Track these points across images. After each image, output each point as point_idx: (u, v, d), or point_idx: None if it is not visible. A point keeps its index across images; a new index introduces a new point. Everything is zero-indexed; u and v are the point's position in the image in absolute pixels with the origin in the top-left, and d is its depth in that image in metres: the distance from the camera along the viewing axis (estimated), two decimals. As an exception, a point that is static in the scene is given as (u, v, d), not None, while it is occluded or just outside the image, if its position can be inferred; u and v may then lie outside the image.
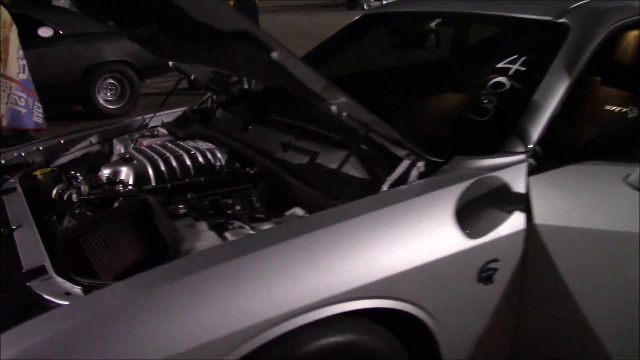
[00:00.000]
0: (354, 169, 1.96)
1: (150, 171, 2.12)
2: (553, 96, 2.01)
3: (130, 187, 2.06)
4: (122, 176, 2.14)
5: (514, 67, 2.13)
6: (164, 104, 3.05)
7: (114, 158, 2.32)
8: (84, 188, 2.22)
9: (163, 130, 2.87)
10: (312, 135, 2.20)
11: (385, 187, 1.78)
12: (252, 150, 2.28)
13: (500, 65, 2.16)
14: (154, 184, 2.11)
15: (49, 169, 2.58)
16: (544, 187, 1.86)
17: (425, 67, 2.74)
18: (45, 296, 1.54)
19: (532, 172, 1.88)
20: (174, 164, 2.17)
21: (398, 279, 1.61)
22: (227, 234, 1.73)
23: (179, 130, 2.82)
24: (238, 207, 1.89)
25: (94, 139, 2.89)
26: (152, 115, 3.04)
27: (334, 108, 1.70)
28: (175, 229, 1.66)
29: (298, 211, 1.83)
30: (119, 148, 2.79)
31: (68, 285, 1.56)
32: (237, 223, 1.80)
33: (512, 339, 1.93)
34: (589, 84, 2.42)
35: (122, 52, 7.36)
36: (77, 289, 1.53)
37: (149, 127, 2.99)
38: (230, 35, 1.58)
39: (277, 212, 1.92)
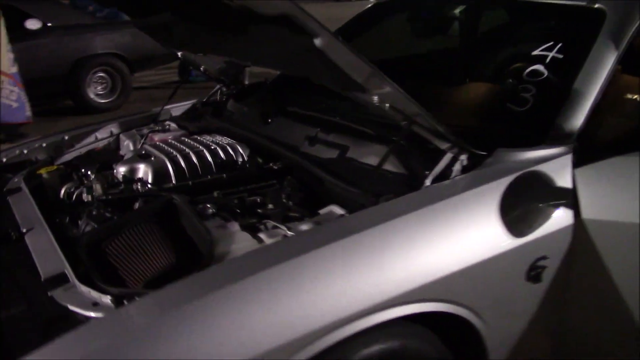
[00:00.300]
0: (389, 163, 1.86)
1: (170, 168, 2.00)
2: (594, 84, 1.91)
3: (150, 186, 1.93)
4: (140, 174, 2.01)
5: (551, 54, 2.03)
6: (172, 96, 2.91)
7: (127, 155, 2.19)
8: (97, 187, 2.09)
9: (173, 125, 2.74)
10: (339, 128, 2.09)
11: (428, 182, 1.68)
12: (275, 144, 2.17)
13: (535, 52, 2.06)
14: (174, 182, 1.98)
15: (55, 167, 2.44)
16: (591, 180, 1.78)
17: (451, 55, 2.64)
18: (72, 307, 1.42)
19: (575, 164, 1.79)
20: (195, 160, 2.05)
21: (450, 280, 1.51)
22: (262, 235, 1.62)
23: (189, 123, 2.70)
24: (270, 206, 1.77)
25: (99, 135, 2.76)
26: (160, 108, 2.90)
27: (375, 99, 1.59)
28: (208, 231, 1.55)
29: (336, 209, 1.73)
30: (128, 144, 2.65)
31: (94, 294, 1.44)
32: (270, 223, 1.69)
33: (556, 338, 1.85)
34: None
35: (112, 45, 7.17)
36: (106, 299, 1.41)
37: (157, 121, 2.86)
38: (268, 20, 1.46)
39: (310, 210, 1.80)
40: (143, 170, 2.00)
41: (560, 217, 1.72)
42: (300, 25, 1.39)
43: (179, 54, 2.79)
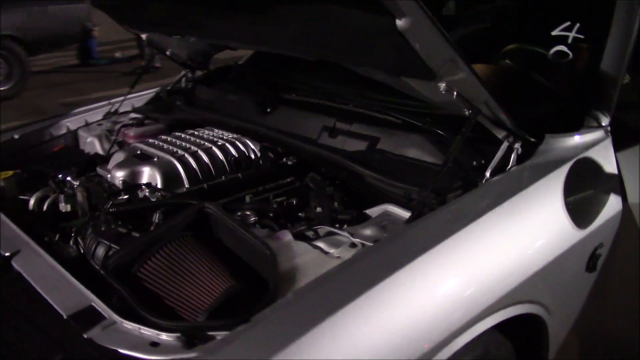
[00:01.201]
0: (428, 155, 1.72)
1: (181, 170, 1.73)
2: (619, 64, 1.87)
3: (162, 192, 1.65)
4: (145, 178, 1.72)
5: (571, 34, 1.97)
6: (135, 85, 2.58)
7: (117, 157, 1.87)
8: (81, 195, 1.78)
9: (139, 117, 2.43)
10: (359, 117, 1.92)
11: (488, 175, 1.56)
12: (286, 136, 1.95)
13: (555, 33, 1.99)
14: (187, 185, 1.72)
15: (11, 173, 2.07)
16: (632, 164, 1.75)
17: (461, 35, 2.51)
18: (124, 351, 1.15)
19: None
20: (206, 159, 1.79)
21: (533, 280, 1.41)
22: (321, 245, 1.42)
23: (161, 115, 2.40)
24: (319, 209, 1.57)
25: (54, 132, 2.38)
26: (121, 99, 2.56)
27: (442, 86, 1.44)
28: (267, 245, 1.33)
29: (390, 208, 1.56)
30: (92, 141, 2.31)
31: (148, 332, 1.19)
32: (324, 228, 1.50)
33: (605, 325, 1.82)
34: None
35: (7, 25, 6.41)
36: (169, 337, 1.17)
37: (118, 112, 2.52)
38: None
39: (355, 210, 1.63)
40: (148, 174, 1.72)
41: (613, 204, 1.68)
42: (389, 4, 1.20)
43: (143, 36, 2.46)
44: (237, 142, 1.90)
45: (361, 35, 1.44)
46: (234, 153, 1.85)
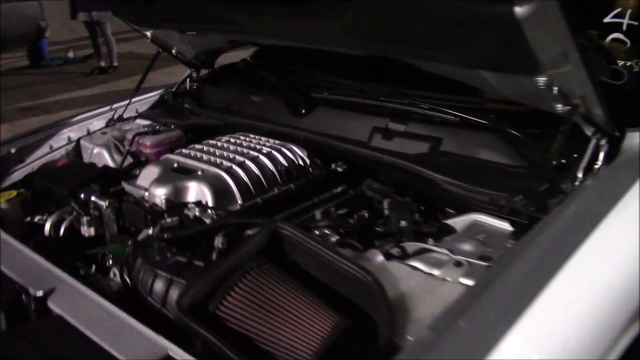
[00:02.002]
0: (500, 155, 1.57)
1: (232, 184, 1.52)
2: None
3: (215, 211, 1.44)
4: (190, 195, 1.51)
5: (625, 21, 1.86)
6: (139, 88, 2.33)
7: (152, 169, 1.63)
8: (110, 217, 1.56)
9: (152, 123, 2.19)
10: (413, 117, 1.75)
11: (580, 175, 1.42)
12: (331, 140, 1.77)
13: (607, 20, 1.88)
14: (240, 201, 1.51)
15: (15, 193, 1.82)
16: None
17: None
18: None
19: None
20: (255, 170, 1.59)
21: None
22: (419, 265, 1.25)
23: (175, 120, 2.17)
24: (404, 223, 1.40)
25: (54, 143, 2.12)
26: (125, 103, 2.31)
27: (542, 81, 1.29)
28: (367, 271, 1.14)
29: (480, 218, 1.41)
30: (99, 152, 2.07)
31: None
32: (413, 245, 1.33)
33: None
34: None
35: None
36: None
37: (123, 119, 2.28)
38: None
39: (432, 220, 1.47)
40: (195, 190, 1.50)
41: None
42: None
43: (148, 34, 2.22)
44: (282, 148, 1.71)
45: (444, 27, 1.27)
46: (282, 162, 1.65)
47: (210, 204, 1.47)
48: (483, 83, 1.50)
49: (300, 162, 1.69)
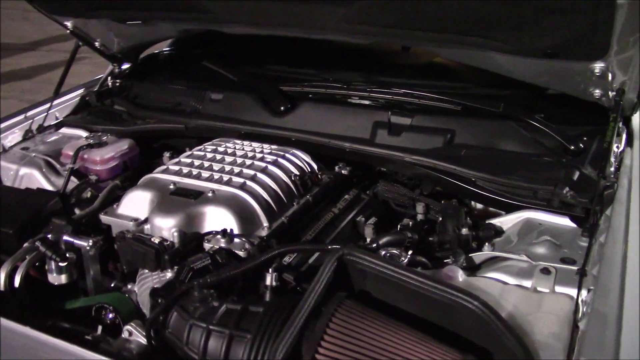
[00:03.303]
0: (521, 144, 1.51)
1: (254, 203, 1.27)
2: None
3: (242, 239, 1.20)
4: (207, 223, 1.24)
5: None
6: (58, 92, 1.93)
7: (140, 194, 1.32)
8: (93, 260, 1.26)
9: (83, 134, 1.83)
10: (413, 108, 1.63)
11: (613, 161, 1.40)
12: (328, 139, 1.59)
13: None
14: (266, 223, 1.27)
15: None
16: None
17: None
18: None
19: None
20: (271, 183, 1.35)
21: None
22: (501, 276, 1.14)
23: (110, 125, 1.84)
24: (465, 230, 1.26)
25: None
26: (43, 109, 1.90)
27: (599, 67, 1.23)
28: (473, 295, 1.00)
29: (534, 215, 1.32)
30: (29, 173, 1.68)
31: None
32: (484, 254, 1.21)
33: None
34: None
35: None
36: None
37: (43, 128, 1.88)
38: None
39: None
40: (215, 216, 1.23)
41: None
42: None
43: (69, 24, 1.83)
44: (287, 155, 1.48)
45: (514, 13, 1.16)
46: (293, 170, 1.43)
47: (236, 230, 1.22)
48: (503, 68, 1.41)
49: (307, 168, 1.49)
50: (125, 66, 2.11)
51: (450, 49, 1.41)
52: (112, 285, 1.34)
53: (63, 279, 1.30)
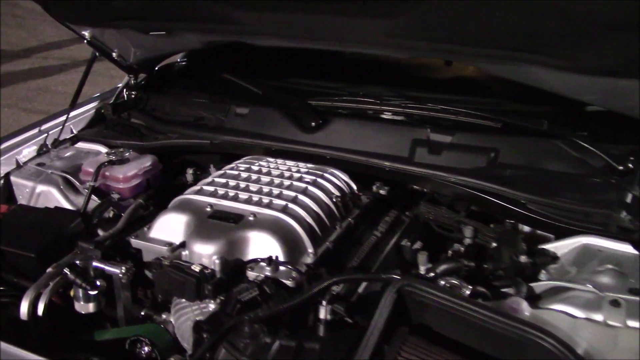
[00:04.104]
0: (565, 164, 1.45)
1: (299, 228, 1.19)
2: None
3: (289, 267, 1.12)
4: (252, 250, 1.16)
5: None
6: (74, 104, 1.84)
7: (175, 217, 1.24)
8: (125, 287, 1.18)
9: (101, 149, 1.75)
10: (453, 125, 1.57)
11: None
12: (369, 158, 1.52)
13: None
14: (311, 249, 1.19)
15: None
16: None
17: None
18: None
19: None
20: (313, 206, 1.28)
21: None
22: (566, 308, 1.07)
23: (127, 139, 1.75)
24: (524, 258, 1.19)
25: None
26: (58, 122, 1.82)
27: None
28: (541, 329, 0.93)
29: (592, 241, 1.25)
30: (46, 191, 1.59)
31: None
32: (546, 284, 1.14)
33: None
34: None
35: None
36: None
37: (59, 142, 1.79)
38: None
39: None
40: (258, 242, 1.15)
41: None
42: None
43: (86, 33, 1.75)
44: (325, 174, 1.41)
45: (583, 29, 1.09)
46: (334, 191, 1.36)
47: (280, 257, 1.14)
48: (547, 84, 1.35)
49: (348, 189, 1.41)
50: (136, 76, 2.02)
51: (494, 64, 1.34)
52: (142, 313, 1.26)
53: (91, 307, 1.21)
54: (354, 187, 1.43)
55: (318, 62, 1.98)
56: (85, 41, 1.77)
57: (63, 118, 1.84)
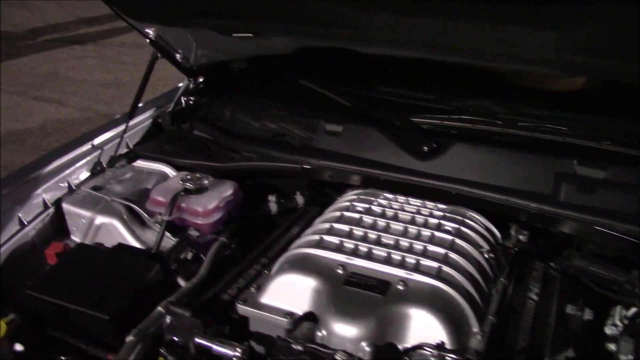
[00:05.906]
0: None
1: (462, 301, 0.93)
2: None
3: (463, 357, 0.86)
4: (409, 331, 0.90)
5: None
6: (132, 117, 1.57)
7: (304, 281, 0.96)
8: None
9: (165, 169, 1.48)
10: (605, 157, 1.30)
11: None
12: (505, 196, 1.25)
13: None
14: (477, 327, 0.93)
15: (4, 321, 1.07)
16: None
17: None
18: None
19: None
20: (467, 266, 1.01)
21: None
22: None
23: (197, 159, 1.49)
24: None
25: (23, 213, 1.31)
26: (112, 135, 1.54)
27: None
28: None
29: None
30: (108, 223, 1.32)
31: None
32: None
33: None
34: None
35: None
36: None
37: (115, 159, 1.52)
38: None
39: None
40: (417, 320, 0.89)
41: None
42: None
43: (150, 31, 1.47)
44: (466, 220, 1.14)
45: None
46: (482, 243, 1.09)
47: (445, 340, 0.88)
48: None
49: (493, 239, 1.15)
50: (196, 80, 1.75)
51: None
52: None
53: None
54: (498, 235, 1.17)
55: (405, 67, 1.69)
56: (148, 40, 1.49)
57: (118, 129, 1.56)
